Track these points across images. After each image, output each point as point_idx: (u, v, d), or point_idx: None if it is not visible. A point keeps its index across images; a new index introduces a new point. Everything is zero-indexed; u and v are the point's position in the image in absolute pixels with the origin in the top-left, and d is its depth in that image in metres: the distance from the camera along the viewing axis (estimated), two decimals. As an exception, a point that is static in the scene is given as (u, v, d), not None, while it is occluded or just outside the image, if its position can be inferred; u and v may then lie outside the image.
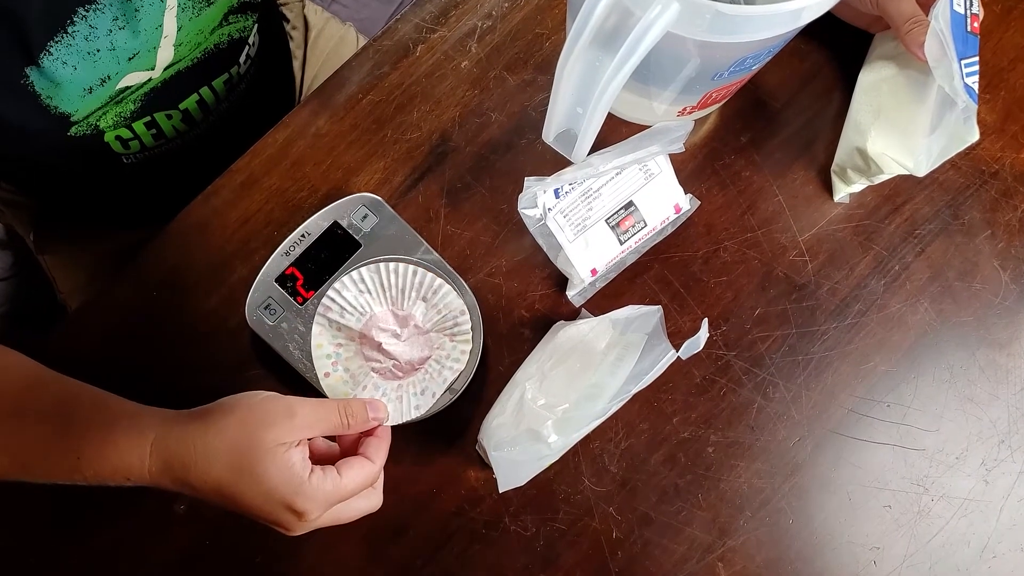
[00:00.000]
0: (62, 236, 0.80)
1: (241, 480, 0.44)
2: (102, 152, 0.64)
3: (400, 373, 0.55)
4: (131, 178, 0.70)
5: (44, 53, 0.51)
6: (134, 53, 0.56)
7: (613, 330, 0.53)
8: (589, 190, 0.56)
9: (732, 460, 0.58)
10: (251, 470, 0.44)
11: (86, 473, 0.47)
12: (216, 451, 0.44)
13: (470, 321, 0.56)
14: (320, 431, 0.47)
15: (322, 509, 0.45)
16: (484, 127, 0.62)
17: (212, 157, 0.73)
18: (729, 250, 0.60)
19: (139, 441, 0.46)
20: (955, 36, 0.45)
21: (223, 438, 0.45)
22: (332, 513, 0.47)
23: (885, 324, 0.60)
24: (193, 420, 0.47)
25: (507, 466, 0.48)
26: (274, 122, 0.62)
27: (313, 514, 0.45)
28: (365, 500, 0.49)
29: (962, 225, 0.61)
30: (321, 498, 0.45)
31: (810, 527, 0.58)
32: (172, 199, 0.75)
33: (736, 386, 0.59)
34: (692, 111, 0.57)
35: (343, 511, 0.48)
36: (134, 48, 0.55)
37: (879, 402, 0.59)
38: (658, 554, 0.57)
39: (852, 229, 0.61)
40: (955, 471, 0.58)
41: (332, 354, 0.54)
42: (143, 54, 0.57)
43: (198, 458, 0.44)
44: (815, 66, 0.63)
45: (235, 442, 0.44)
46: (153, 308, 0.60)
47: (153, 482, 0.46)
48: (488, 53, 0.63)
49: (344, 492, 0.46)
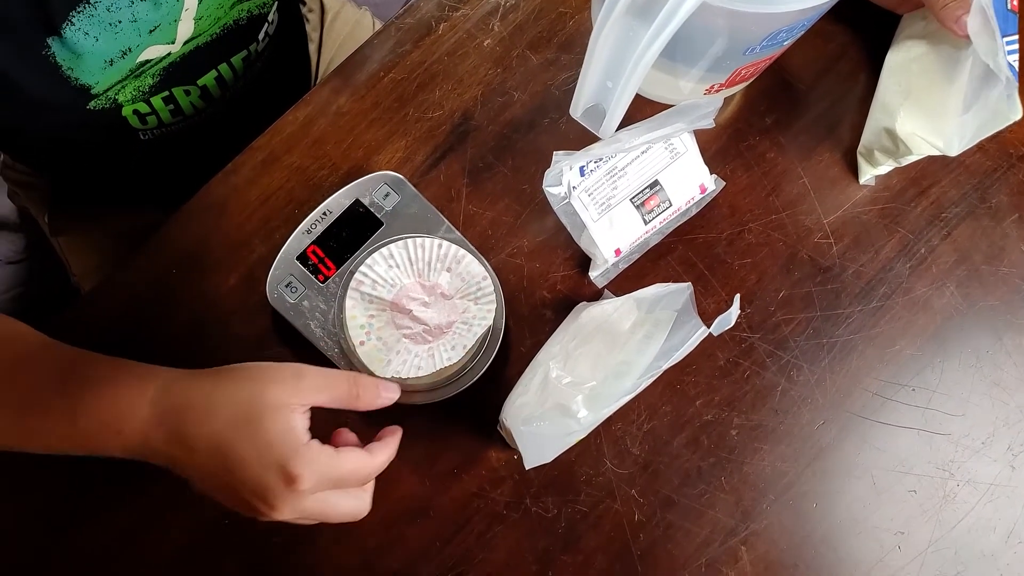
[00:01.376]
0: (77, 217, 0.80)
1: (238, 434, 0.42)
2: (120, 127, 0.64)
3: (430, 337, 0.55)
4: (148, 154, 0.69)
5: (67, 23, 0.51)
6: (155, 25, 0.55)
7: (638, 310, 0.53)
8: (614, 168, 0.55)
9: (755, 443, 0.58)
10: (251, 423, 0.42)
11: (80, 424, 0.45)
12: (218, 404, 0.43)
13: (492, 285, 0.56)
14: (327, 399, 0.45)
15: (314, 479, 0.42)
16: (506, 106, 0.61)
17: (227, 136, 0.72)
18: (753, 232, 0.60)
19: (140, 388, 0.45)
20: (997, 13, 0.45)
21: (227, 393, 0.44)
22: (318, 502, 0.44)
23: (911, 307, 0.59)
24: (201, 376, 0.46)
25: (534, 442, 0.48)
26: (289, 103, 0.62)
27: (305, 482, 0.42)
28: (354, 499, 0.47)
29: (989, 208, 0.60)
30: (316, 467, 0.43)
31: (834, 512, 0.57)
32: (187, 178, 0.75)
33: (760, 369, 0.58)
34: (720, 89, 0.56)
35: (329, 502, 0.45)
36: (155, 20, 0.55)
37: (904, 386, 0.58)
38: (680, 537, 0.56)
39: (878, 212, 0.60)
40: (981, 456, 0.57)
41: (365, 324, 0.55)
42: (164, 27, 0.56)
43: (199, 408, 0.44)
44: (841, 47, 0.62)
45: (239, 397, 0.43)
46: (172, 287, 0.59)
47: (143, 437, 0.45)
48: (511, 32, 0.62)
49: (339, 471, 0.44)
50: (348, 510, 0.47)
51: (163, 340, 0.59)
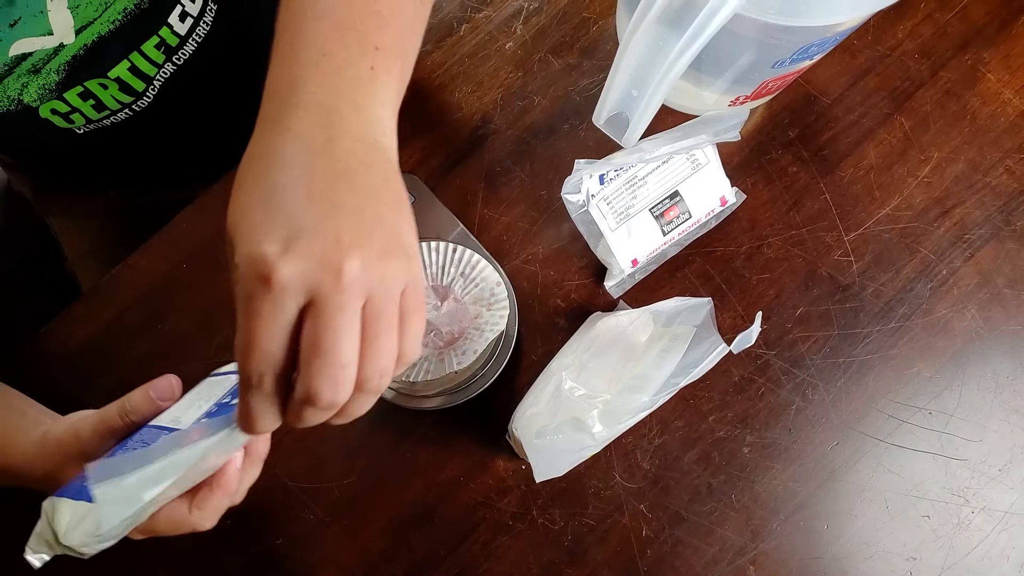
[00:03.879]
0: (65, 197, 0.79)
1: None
2: (47, 127, 0.61)
3: (441, 343, 0.54)
4: (101, 149, 0.67)
5: None
6: (15, 19, 0.52)
7: (655, 323, 0.52)
8: (634, 178, 0.54)
9: (767, 461, 0.57)
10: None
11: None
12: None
13: (505, 291, 0.55)
14: (109, 440, 0.42)
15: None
16: (526, 111, 0.61)
17: (190, 123, 0.69)
18: (773, 247, 0.59)
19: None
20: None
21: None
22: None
23: (930, 329, 0.58)
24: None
25: (546, 456, 0.47)
26: (256, 80, 0.59)
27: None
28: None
29: (1013, 231, 0.59)
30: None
31: (845, 534, 0.56)
32: (165, 166, 0.73)
33: (775, 386, 0.57)
34: (745, 101, 0.55)
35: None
36: (13, 14, 0.51)
37: (921, 409, 0.57)
38: (688, 554, 0.56)
39: (899, 231, 0.59)
40: (997, 483, 0.56)
41: None
42: (27, 19, 0.52)
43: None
44: (868, 62, 0.61)
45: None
46: (182, 281, 0.58)
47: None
48: (533, 35, 0.61)
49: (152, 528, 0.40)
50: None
51: (174, 334, 0.58)
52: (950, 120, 0.60)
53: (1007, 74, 0.61)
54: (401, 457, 0.57)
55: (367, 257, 0.31)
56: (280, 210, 0.32)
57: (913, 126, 0.60)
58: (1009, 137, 0.60)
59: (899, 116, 0.60)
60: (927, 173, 0.60)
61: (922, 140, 0.60)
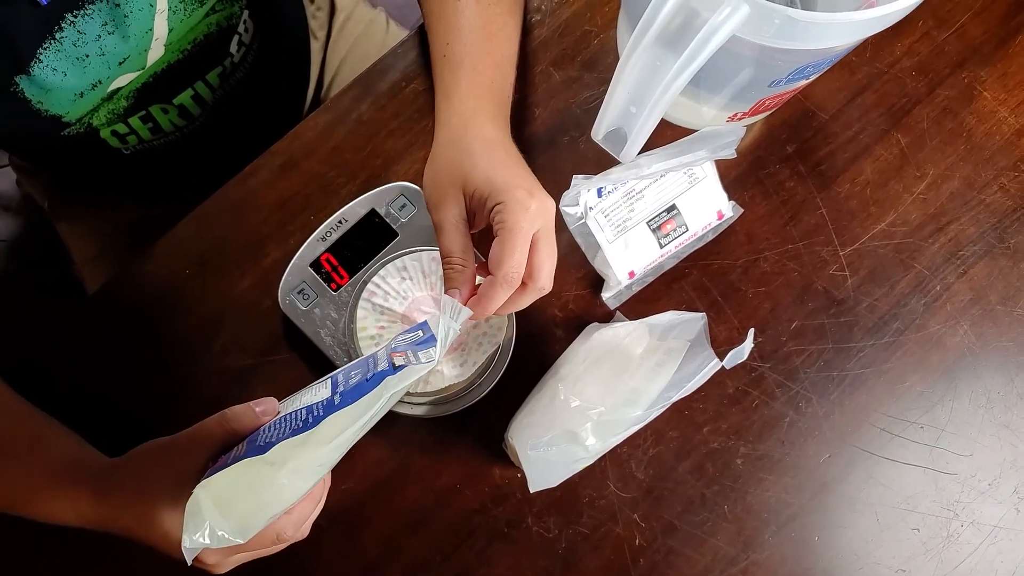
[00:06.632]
0: (76, 204, 0.80)
1: (153, 533, 0.46)
2: (100, 147, 0.63)
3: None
4: (136, 167, 0.69)
5: (34, 61, 0.50)
6: (124, 57, 0.55)
7: (650, 336, 0.53)
8: (632, 191, 0.55)
9: (760, 473, 0.57)
10: (155, 528, 0.45)
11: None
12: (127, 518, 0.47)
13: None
14: (207, 450, 0.45)
15: (216, 556, 0.45)
16: (527, 122, 0.61)
17: (221, 140, 0.71)
18: (769, 260, 0.59)
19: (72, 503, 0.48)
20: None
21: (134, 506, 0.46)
22: (243, 560, 0.47)
23: (923, 344, 0.59)
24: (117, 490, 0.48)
25: (540, 466, 0.48)
26: (287, 104, 0.61)
27: (214, 564, 0.46)
28: (274, 547, 0.48)
29: (1007, 248, 0.60)
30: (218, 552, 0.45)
31: (836, 546, 0.57)
32: (185, 180, 0.74)
33: (769, 399, 0.58)
34: (742, 117, 0.56)
35: (252, 556, 0.48)
36: (124, 52, 0.54)
37: (913, 423, 0.58)
38: (681, 564, 0.56)
39: (894, 246, 0.60)
40: (987, 497, 0.57)
41: (375, 335, 0.55)
42: (133, 57, 0.56)
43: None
44: (866, 79, 0.62)
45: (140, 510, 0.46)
46: (185, 286, 0.59)
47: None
48: (535, 47, 0.62)
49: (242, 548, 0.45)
50: (274, 550, 0.48)
51: (176, 339, 0.59)
52: (946, 137, 0.61)
53: (1003, 92, 0.61)
54: (398, 464, 0.57)
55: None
56: (516, 171, 0.48)
57: (909, 143, 0.61)
58: (1004, 155, 0.61)
59: (896, 132, 0.61)
60: (923, 189, 0.60)
61: (918, 157, 0.61)
